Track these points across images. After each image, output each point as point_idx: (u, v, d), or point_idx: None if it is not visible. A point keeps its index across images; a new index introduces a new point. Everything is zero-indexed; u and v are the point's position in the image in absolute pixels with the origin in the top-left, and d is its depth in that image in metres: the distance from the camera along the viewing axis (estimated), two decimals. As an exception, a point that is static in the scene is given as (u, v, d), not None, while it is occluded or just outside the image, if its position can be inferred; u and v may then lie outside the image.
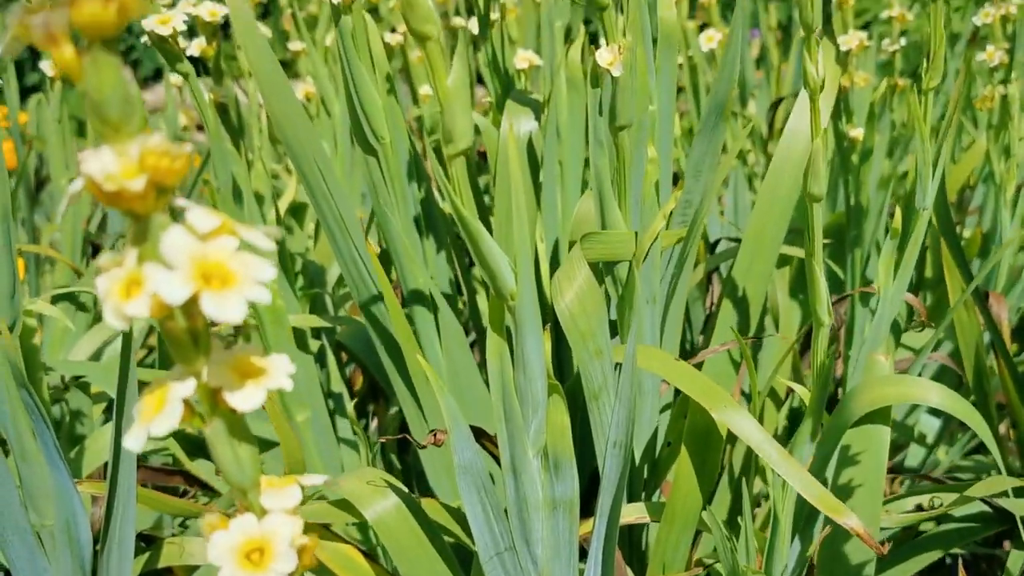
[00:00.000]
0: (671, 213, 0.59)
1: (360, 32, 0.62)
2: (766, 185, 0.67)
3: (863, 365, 0.54)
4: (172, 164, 0.23)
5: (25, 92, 2.55)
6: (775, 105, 1.08)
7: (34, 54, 2.55)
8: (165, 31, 0.62)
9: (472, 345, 0.90)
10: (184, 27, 0.64)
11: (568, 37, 0.84)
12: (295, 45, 1.16)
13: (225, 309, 0.23)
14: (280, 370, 0.26)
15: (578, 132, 0.75)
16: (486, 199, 0.91)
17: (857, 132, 0.94)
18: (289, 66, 2.47)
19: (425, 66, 0.35)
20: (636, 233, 0.52)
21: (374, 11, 1.34)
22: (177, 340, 0.25)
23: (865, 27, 2.52)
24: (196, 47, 0.86)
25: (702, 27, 1.30)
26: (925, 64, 0.49)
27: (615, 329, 0.59)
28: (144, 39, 0.70)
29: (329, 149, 1.03)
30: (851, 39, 0.92)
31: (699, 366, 0.58)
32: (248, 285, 0.23)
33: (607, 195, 0.51)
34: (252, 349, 0.26)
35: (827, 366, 0.47)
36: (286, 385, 0.26)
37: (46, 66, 0.84)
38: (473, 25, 0.75)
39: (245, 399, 0.25)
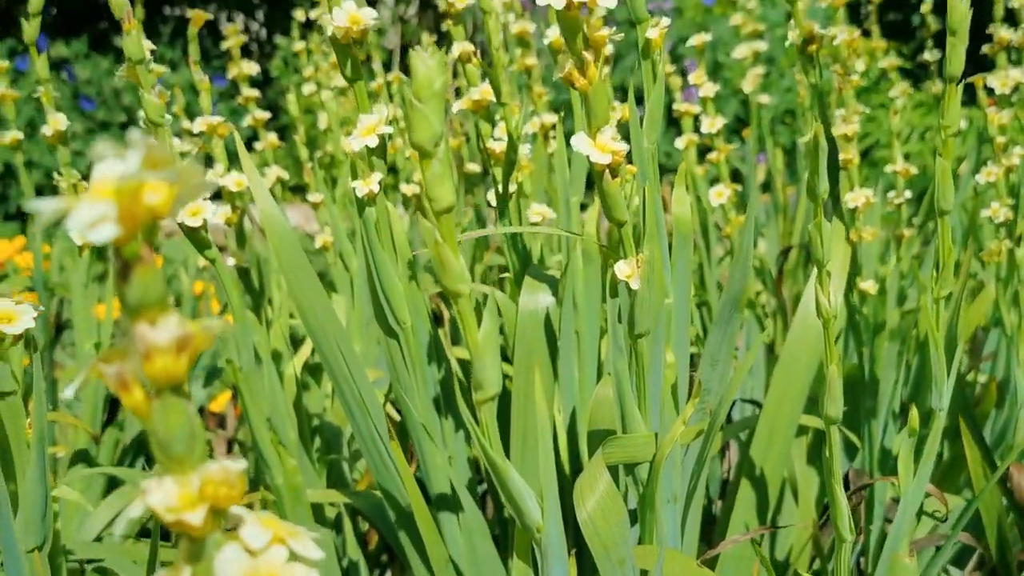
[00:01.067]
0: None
1: (383, 221, 0.64)
2: (782, 364, 0.68)
3: (887, 563, 0.54)
4: (230, 492, 0.24)
5: (45, 217, 2.61)
6: (784, 252, 1.10)
7: (48, 176, 2.61)
8: (195, 223, 0.64)
9: (483, 496, 0.90)
10: (213, 218, 0.66)
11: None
12: (314, 197, 1.19)
13: (274, 636, 0.24)
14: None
15: (594, 303, 0.76)
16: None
17: (868, 285, 0.95)
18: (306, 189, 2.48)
19: (457, 319, 0.36)
20: (656, 434, 0.52)
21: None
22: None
23: (866, 154, 2.58)
24: (220, 215, 0.88)
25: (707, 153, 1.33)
26: (935, 273, 0.50)
27: (634, 517, 0.59)
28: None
29: (346, 303, 1.05)
30: (858, 197, 0.94)
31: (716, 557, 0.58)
32: (298, 605, 0.24)
33: (627, 398, 0.51)
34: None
35: (852, 582, 0.46)
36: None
37: (74, 234, 0.86)
38: (491, 196, 0.77)
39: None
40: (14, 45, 3.27)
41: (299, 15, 1.59)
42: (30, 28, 0.79)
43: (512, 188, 0.77)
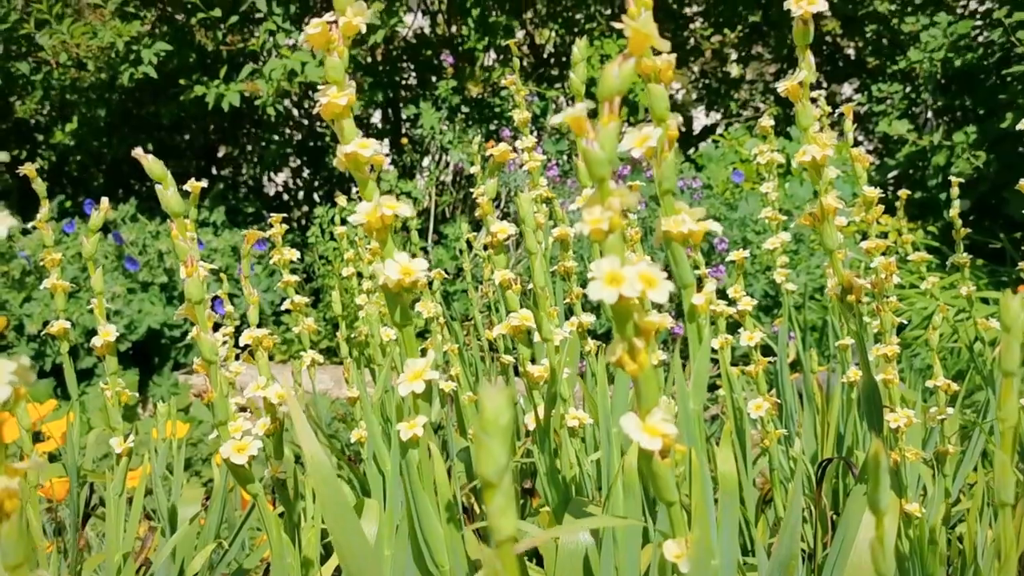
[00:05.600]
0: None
1: (425, 464, 0.64)
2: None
3: None
4: None
5: (80, 375, 2.64)
6: (823, 465, 1.08)
7: (91, 336, 2.66)
8: (240, 460, 0.65)
9: None
10: (257, 453, 0.66)
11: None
12: (351, 392, 1.20)
13: None
14: None
15: (635, 537, 0.75)
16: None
17: (913, 508, 0.93)
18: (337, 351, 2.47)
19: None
20: None
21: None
22: None
23: (896, 332, 2.57)
24: (260, 426, 0.89)
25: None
26: (996, 563, 0.49)
27: None
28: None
29: (378, 507, 1.03)
30: (899, 417, 0.94)
31: None
32: None
33: None
34: None
35: None
36: None
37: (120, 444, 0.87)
38: (530, 421, 0.77)
39: None
40: (63, 201, 3.39)
41: (341, 200, 1.65)
42: (89, 246, 0.82)
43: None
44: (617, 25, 0.50)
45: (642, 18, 0.56)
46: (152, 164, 0.63)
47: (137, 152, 0.62)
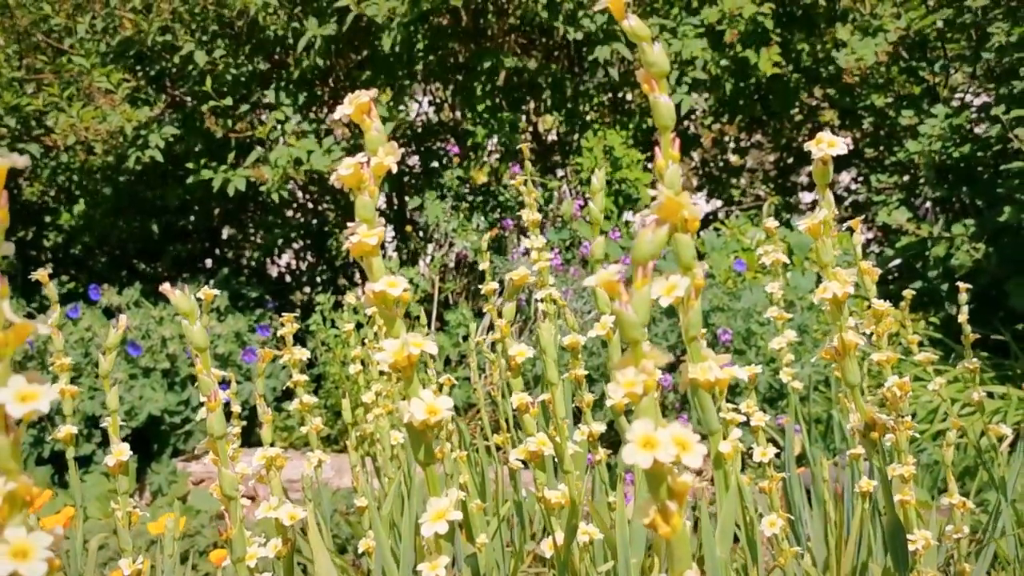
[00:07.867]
0: None
1: (446, 604, 0.63)
2: None
3: None
4: None
5: (78, 462, 2.61)
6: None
7: (91, 422, 2.64)
8: (256, 599, 0.64)
9: None
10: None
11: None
12: (360, 501, 1.19)
13: None
14: None
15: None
16: None
17: (932, 633, 0.91)
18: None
19: None
20: None
21: None
22: None
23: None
24: (271, 547, 0.88)
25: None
26: None
27: None
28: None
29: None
30: (917, 539, 0.93)
31: None
32: None
33: None
34: None
35: None
36: None
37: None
38: (546, 548, 0.76)
39: None
40: (66, 282, 3.40)
41: (350, 297, 1.66)
42: (107, 364, 0.82)
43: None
44: (651, 195, 0.51)
45: (670, 171, 0.57)
46: (179, 299, 0.63)
47: (164, 288, 0.62)
